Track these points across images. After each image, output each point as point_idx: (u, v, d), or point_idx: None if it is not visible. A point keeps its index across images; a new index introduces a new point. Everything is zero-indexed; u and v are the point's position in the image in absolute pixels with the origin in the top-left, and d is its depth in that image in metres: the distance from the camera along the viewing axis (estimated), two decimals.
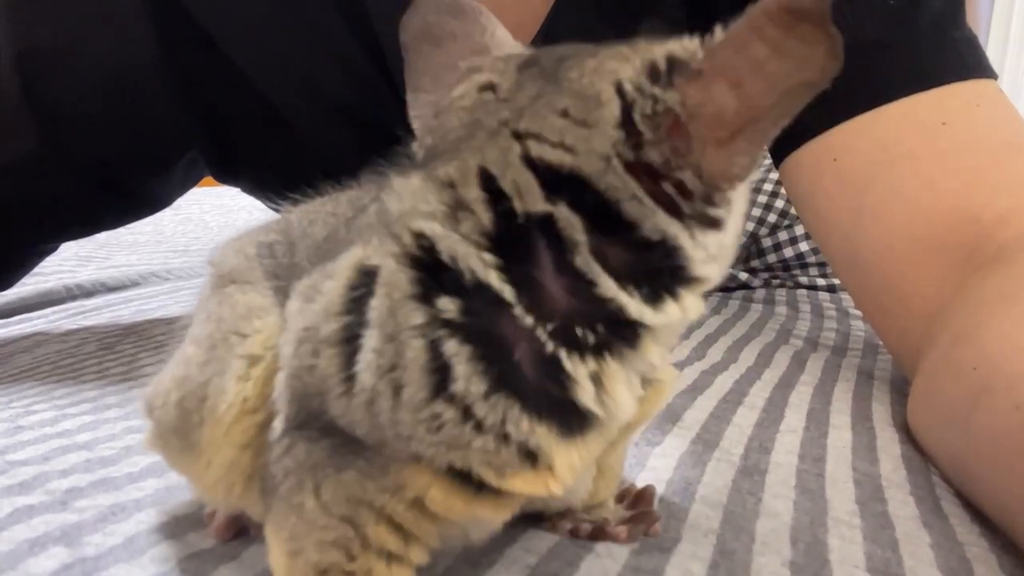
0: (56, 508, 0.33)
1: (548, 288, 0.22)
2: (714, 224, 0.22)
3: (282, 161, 0.69)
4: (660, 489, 0.36)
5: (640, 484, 0.35)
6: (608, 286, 0.22)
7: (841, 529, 0.33)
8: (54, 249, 0.74)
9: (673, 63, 0.21)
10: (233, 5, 0.60)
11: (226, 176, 0.76)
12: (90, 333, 0.72)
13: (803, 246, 0.97)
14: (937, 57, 0.53)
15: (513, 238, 0.22)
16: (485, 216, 0.22)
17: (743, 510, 0.34)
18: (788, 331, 0.73)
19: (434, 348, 0.21)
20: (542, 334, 0.22)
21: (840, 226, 0.54)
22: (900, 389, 0.55)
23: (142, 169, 0.68)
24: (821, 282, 0.95)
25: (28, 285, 0.86)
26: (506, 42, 0.27)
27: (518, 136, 0.22)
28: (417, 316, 0.22)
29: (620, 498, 0.33)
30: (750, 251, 1.00)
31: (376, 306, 0.22)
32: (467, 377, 0.21)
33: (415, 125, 0.26)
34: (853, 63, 0.59)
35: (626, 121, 0.21)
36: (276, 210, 0.33)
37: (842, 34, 0.20)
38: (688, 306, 0.23)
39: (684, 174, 0.21)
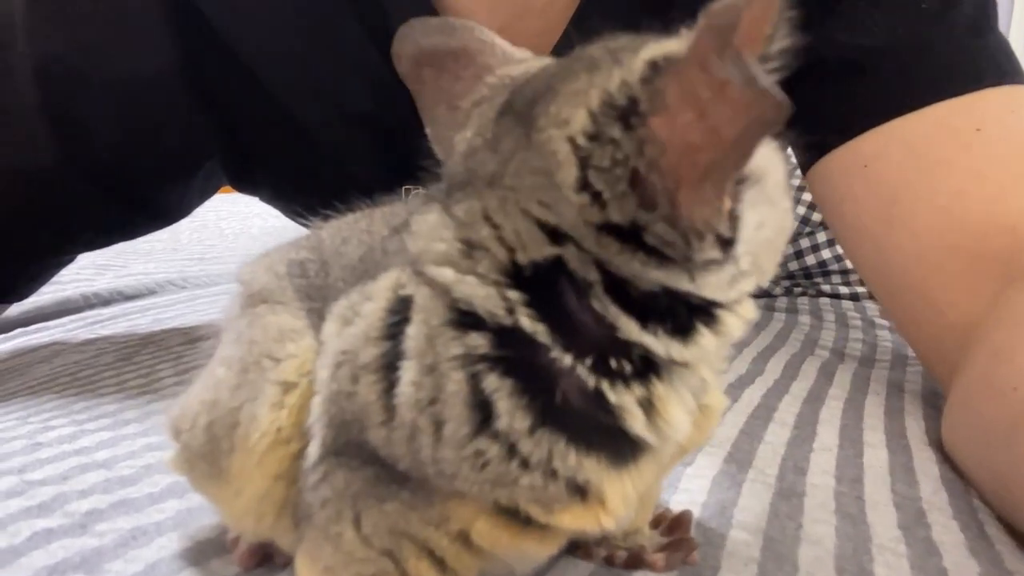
0: (76, 532, 0.32)
1: (577, 323, 0.21)
2: (710, 264, 0.20)
3: (302, 170, 0.68)
4: (695, 513, 0.35)
5: (674, 507, 0.34)
6: (629, 328, 0.21)
7: (887, 557, 0.32)
8: (71, 260, 0.73)
9: (632, 97, 0.19)
10: (253, 15, 0.59)
11: (245, 185, 0.76)
12: (108, 343, 0.71)
13: (825, 253, 0.96)
14: (970, 62, 0.52)
15: (535, 274, 0.21)
16: (501, 254, 0.21)
17: (783, 536, 0.33)
18: (813, 341, 0.71)
19: (474, 381, 0.20)
20: (581, 369, 0.21)
21: (870, 234, 0.53)
22: (932, 403, 0.53)
23: (161, 180, 0.68)
24: (844, 290, 0.94)
25: (46, 294, 0.86)
26: (509, 53, 0.26)
27: (507, 189, 0.21)
28: (457, 346, 0.21)
29: (656, 523, 0.32)
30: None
31: (413, 335, 0.21)
32: (510, 413, 0.20)
33: (439, 151, 0.25)
34: (885, 67, 0.57)
35: (585, 182, 0.20)
36: (295, 219, 0.32)
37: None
38: (728, 327, 0.22)
39: (657, 227, 0.20)
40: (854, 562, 0.31)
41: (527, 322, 0.21)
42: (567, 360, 0.21)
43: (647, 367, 0.22)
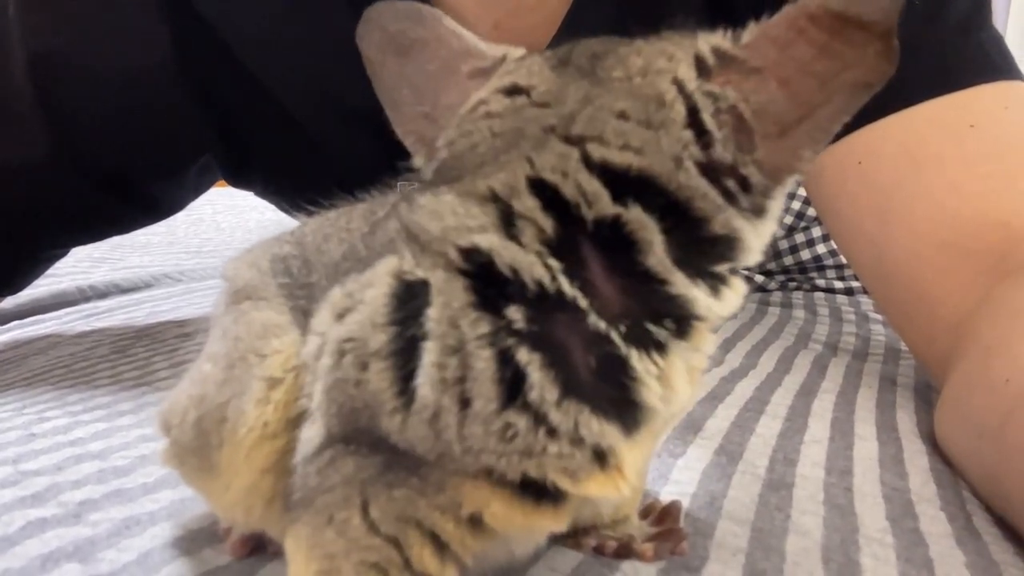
0: (69, 521, 0.33)
1: (613, 290, 0.22)
2: (768, 214, 0.23)
3: (296, 166, 0.68)
4: (685, 504, 0.35)
5: (664, 498, 0.34)
6: (682, 283, 0.22)
7: (873, 548, 0.32)
8: (65, 253, 0.74)
9: (723, 58, 0.22)
10: (245, 7, 0.59)
11: (240, 181, 0.76)
12: (104, 335, 0.71)
13: (820, 248, 0.96)
14: (964, 58, 0.52)
15: (569, 244, 0.22)
16: (547, 224, 0.21)
17: (772, 527, 0.33)
18: (807, 335, 0.72)
19: (503, 357, 0.21)
20: (615, 336, 0.21)
21: (864, 230, 0.53)
22: (924, 396, 0.54)
23: (155, 174, 0.68)
24: (839, 285, 0.94)
25: (41, 287, 0.86)
26: (476, 47, 0.26)
27: (574, 141, 0.22)
28: (483, 325, 0.21)
29: (645, 514, 0.33)
30: (766, 253, 0.99)
31: (434, 316, 0.21)
32: (541, 385, 0.21)
33: (407, 141, 0.25)
34: None
35: (693, 121, 0.22)
36: (289, 213, 0.32)
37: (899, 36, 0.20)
38: (739, 291, 0.23)
39: (748, 169, 0.22)
40: (841, 552, 0.32)
41: (568, 288, 0.21)
42: (601, 327, 0.21)
43: (668, 340, 0.22)
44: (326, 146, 0.65)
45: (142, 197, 0.68)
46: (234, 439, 0.25)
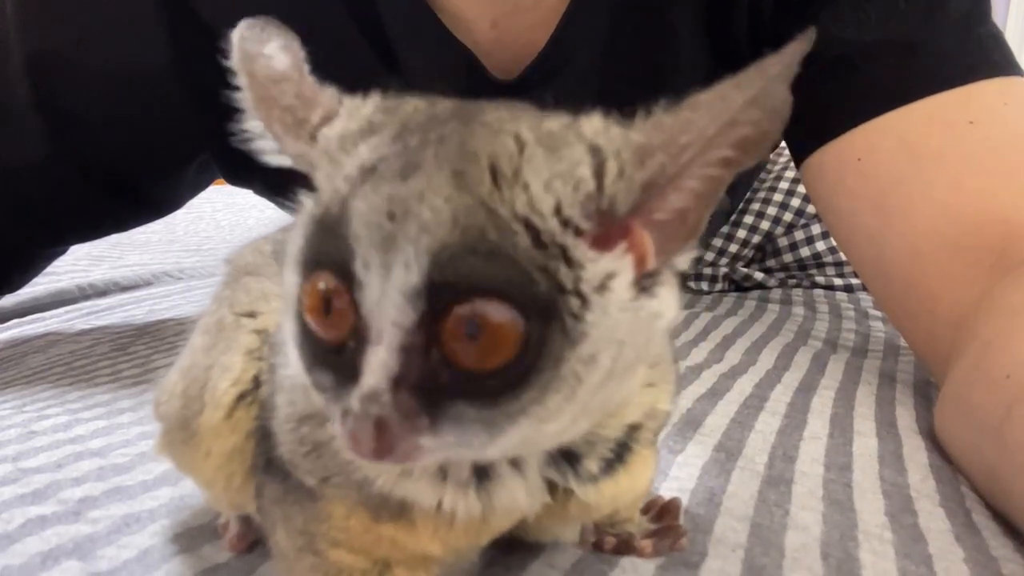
0: (69, 519, 0.33)
1: None
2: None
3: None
4: (684, 500, 0.35)
5: (664, 494, 0.34)
6: None
7: (872, 543, 0.32)
8: (63, 252, 0.74)
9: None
10: (242, 8, 0.59)
11: (238, 179, 0.76)
12: (103, 333, 0.71)
13: (819, 245, 0.96)
14: (963, 55, 0.52)
15: None
16: None
17: (771, 523, 0.33)
18: (807, 332, 0.72)
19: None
20: None
21: (864, 227, 0.53)
22: (923, 393, 0.54)
23: (153, 173, 0.68)
24: (838, 282, 0.94)
25: (41, 285, 0.86)
26: (314, 95, 0.22)
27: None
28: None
29: (645, 510, 0.33)
30: (766, 251, 0.99)
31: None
32: None
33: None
34: (878, 62, 0.57)
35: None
36: (288, 212, 0.32)
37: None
38: None
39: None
40: (840, 548, 0.32)
41: None
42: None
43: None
44: None
45: (141, 195, 0.68)
46: (214, 398, 0.26)
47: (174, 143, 0.66)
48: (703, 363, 0.59)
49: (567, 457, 0.23)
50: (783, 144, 0.78)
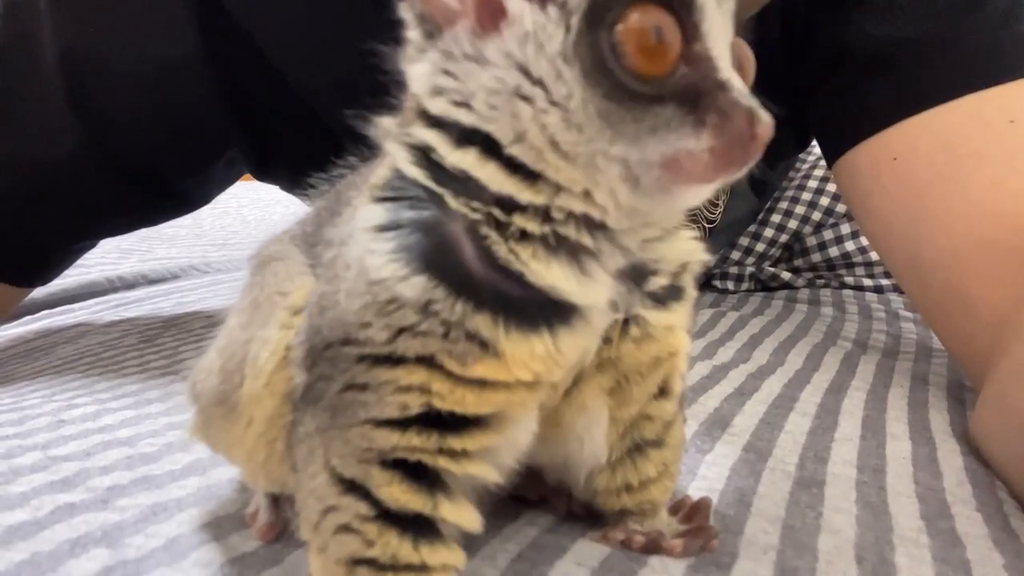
0: (98, 507, 0.33)
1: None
2: None
3: (321, 161, 0.68)
4: (713, 500, 0.34)
5: (692, 494, 0.34)
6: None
7: (908, 548, 0.31)
8: (93, 245, 0.74)
9: None
10: (273, 9, 0.59)
11: (265, 175, 0.76)
12: (132, 325, 0.72)
13: (849, 245, 0.94)
14: (1002, 52, 0.51)
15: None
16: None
17: (803, 525, 0.33)
18: (836, 332, 0.71)
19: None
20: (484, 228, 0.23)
21: (900, 228, 0.52)
22: (957, 396, 0.53)
23: (182, 168, 0.68)
24: (868, 282, 0.92)
25: (71, 277, 0.87)
26: None
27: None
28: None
29: (674, 510, 0.32)
30: (793, 250, 0.98)
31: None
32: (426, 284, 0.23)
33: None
34: (914, 59, 0.56)
35: None
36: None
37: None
38: None
39: None
40: (875, 552, 0.31)
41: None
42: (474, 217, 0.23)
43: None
44: (349, 140, 0.65)
45: (170, 190, 0.69)
46: (255, 367, 0.26)
47: (203, 138, 0.66)
48: (730, 362, 0.58)
49: (636, 275, 0.25)
50: (813, 142, 0.77)
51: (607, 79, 0.20)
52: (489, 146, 0.22)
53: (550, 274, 0.23)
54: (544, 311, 0.23)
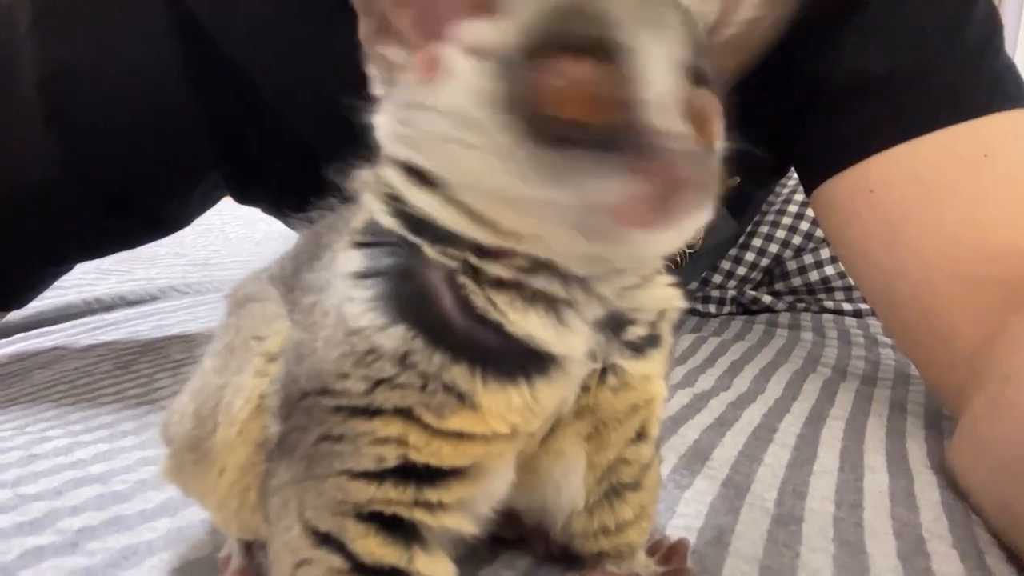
0: (67, 551, 0.32)
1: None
2: None
3: (302, 184, 0.68)
4: (692, 539, 0.34)
5: (670, 532, 0.34)
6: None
7: None
8: (70, 268, 0.74)
9: None
10: (253, 29, 0.59)
11: (246, 198, 0.76)
12: (108, 350, 0.71)
13: (828, 270, 0.95)
14: (976, 87, 0.51)
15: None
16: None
17: (780, 566, 0.33)
18: (816, 358, 0.71)
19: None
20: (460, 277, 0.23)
21: (876, 260, 0.53)
22: (934, 424, 0.53)
23: (162, 192, 0.68)
24: (847, 307, 0.93)
25: (47, 299, 0.86)
26: None
27: None
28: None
29: (652, 551, 0.32)
30: (774, 274, 0.98)
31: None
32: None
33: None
34: (891, 92, 0.57)
35: None
36: (296, 230, 0.33)
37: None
38: None
39: None
40: None
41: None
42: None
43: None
44: (331, 163, 0.65)
45: (149, 214, 0.68)
46: (229, 415, 0.26)
47: (184, 162, 0.66)
48: (710, 391, 0.59)
49: (614, 325, 0.25)
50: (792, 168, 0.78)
51: (537, 126, 0.20)
52: (448, 190, 0.22)
53: (527, 323, 0.23)
54: (522, 361, 0.23)
